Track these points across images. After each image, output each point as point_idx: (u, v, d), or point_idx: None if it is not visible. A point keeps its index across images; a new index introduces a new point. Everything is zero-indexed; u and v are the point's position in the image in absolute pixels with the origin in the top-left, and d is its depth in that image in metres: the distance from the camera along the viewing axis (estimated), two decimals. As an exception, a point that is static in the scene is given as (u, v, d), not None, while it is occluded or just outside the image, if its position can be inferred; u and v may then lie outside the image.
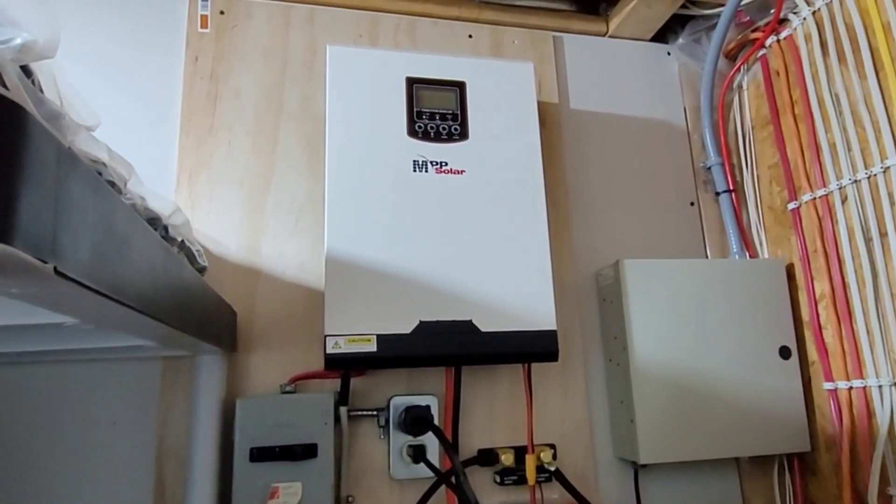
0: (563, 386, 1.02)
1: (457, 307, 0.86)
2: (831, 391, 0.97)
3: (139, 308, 0.42)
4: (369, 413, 0.91)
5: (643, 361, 0.97)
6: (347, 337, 0.81)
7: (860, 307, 0.93)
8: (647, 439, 0.94)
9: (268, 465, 0.82)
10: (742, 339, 1.00)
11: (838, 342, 0.97)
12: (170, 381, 0.90)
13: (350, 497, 0.89)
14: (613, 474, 1.01)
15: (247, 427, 0.83)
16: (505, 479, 0.93)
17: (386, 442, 0.91)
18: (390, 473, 0.90)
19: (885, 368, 0.89)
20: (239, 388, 0.90)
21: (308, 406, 0.85)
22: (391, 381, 0.94)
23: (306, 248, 0.98)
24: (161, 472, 0.87)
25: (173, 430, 0.88)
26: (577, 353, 1.04)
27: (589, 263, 1.10)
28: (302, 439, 0.83)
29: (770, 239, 1.12)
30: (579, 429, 1.00)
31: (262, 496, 0.81)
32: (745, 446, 0.98)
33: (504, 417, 0.98)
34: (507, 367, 0.99)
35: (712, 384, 0.98)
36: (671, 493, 1.01)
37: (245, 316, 0.93)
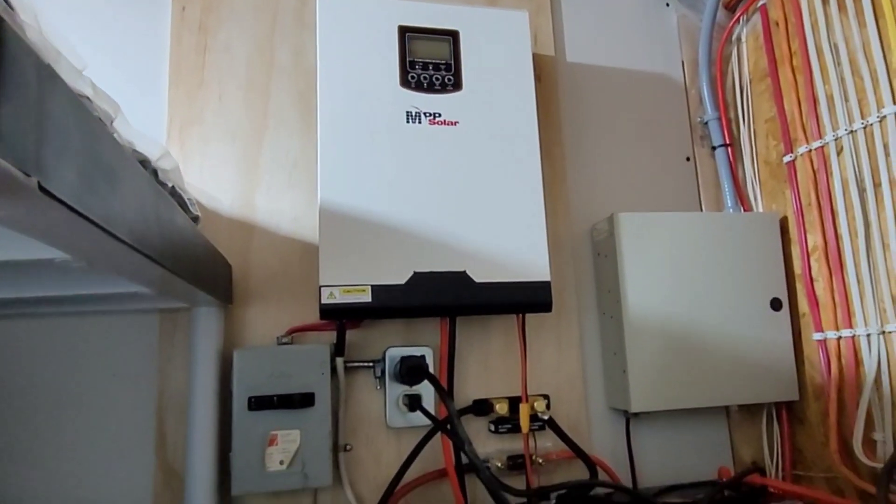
0: (558, 338, 1.03)
1: (451, 258, 0.86)
2: (820, 341, 0.98)
3: (130, 243, 0.42)
4: (365, 364, 0.93)
5: (636, 314, 0.98)
6: (342, 287, 0.82)
7: (851, 258, 0.94)
8: (638, 388, 0.96)
9: (266, 414, 0.83)
10: (734, 292, 1.01)
11: (829, 294, 0.98)
12: (168, 335, 0.91)
13: (348, 445, 0.91)
14: (606, 423, 1.03)
15: (245, 377, 0.84)
16: (499, 428, 0.95)
17: (382, 392, 0.93)
18: (387, 422, 0.92)
19: (873, 317, 0.90)
20: (236, 340, 0.91)
21: (305, 357, 0.86)
22: (387, 333, 0.95)
23: (301, 202, 0.98)
24: (161, 422, 0.89)
25: (173, 382, 0.90)
26: (572, 306, 1.05)
27: (584, 219, 1.10)
28: (299, 389, 0.84)
29: (765, 193, 1.12)
30: (573, 380, 1.02)
31: (261, 444, 0.83)
32: (735, 395, 0.99)
33: (499, 369, 0.99)
34: (502, 318, 1.00)
35: (704, 335, 0.99)
36: (662, 442, 1.04)
37: (240, 270, 0.93)
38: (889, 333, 0.88)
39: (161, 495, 0.87)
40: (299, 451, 0.83)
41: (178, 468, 0.87)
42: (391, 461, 0.91)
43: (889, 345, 0.88)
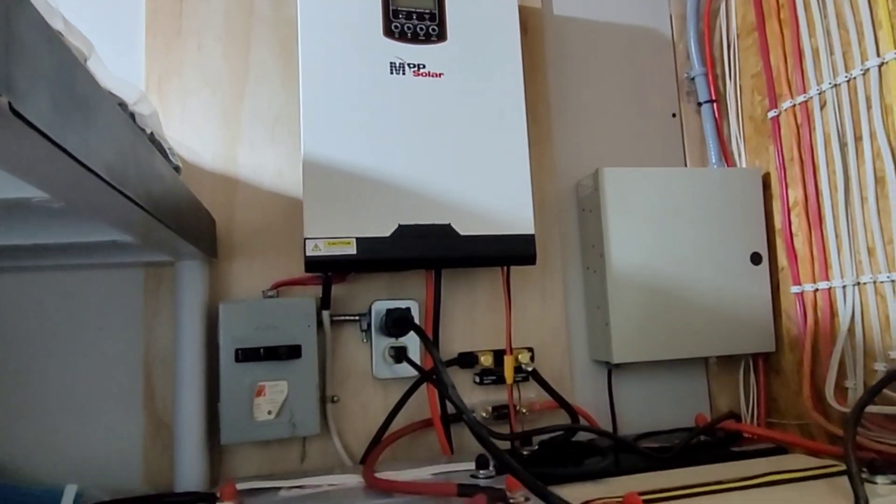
0: (542, 293, 1.04)
1: (435, 211, 0.86)
2: (798, 294, 1.01)
3: (108, 180, 0.42)
4: (351, 318, 0.94)
5: (619, 268, 0.99)
6: (327, 240, 0.82)
7: (831, 212, 0.95)
8: (620, 340, 0.98)
9: (253, 366, 0.84)
10: (716, 246, 1.03)
11: (807, 248, 0.99)
12: (153, 289, 0.91)
13: (335, 397, 0.92)
14: (588, 375, 1.05)
15: (231, 329, 0.84)
16: (484, 379, 0.97)
17: (368, 345, 0.94)
18: (373, 374, 0.94)
19: (849, 269, 0.92)
20: (221, 295, 0.91)
21: (290, 309, 0.86)
22: (372, 288, 0.96)
23: (284, 157, 0.97)
24: (149, 375, 0.89)
25: (159, 336, 0.90)
26: (556, 261, 1.06)
27: (569, 175, 1.10)
28: (286, 341, 0.85)
29: (749, 149, 1.13)
30: (556, 333, 1.04)
31: (249, 395, 0.84)
32: (714, 347, 1.02)
33: (484, 322, 1.01)
34: (487, 273, 1.01)
35: (685, 289, 1.01)
36: (642, 392, 1.07)
37: (224, 224, 0.93)
38: (864, 284, 0.90)
39: (150, 446, 0.88)
40: (287, 402, 0.85)
41: (166, 420, 0.88)
42: (378, 412, 0.93)
43: (863, 296, 0.90)
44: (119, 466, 0.86)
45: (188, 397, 0.84)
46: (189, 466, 0.83)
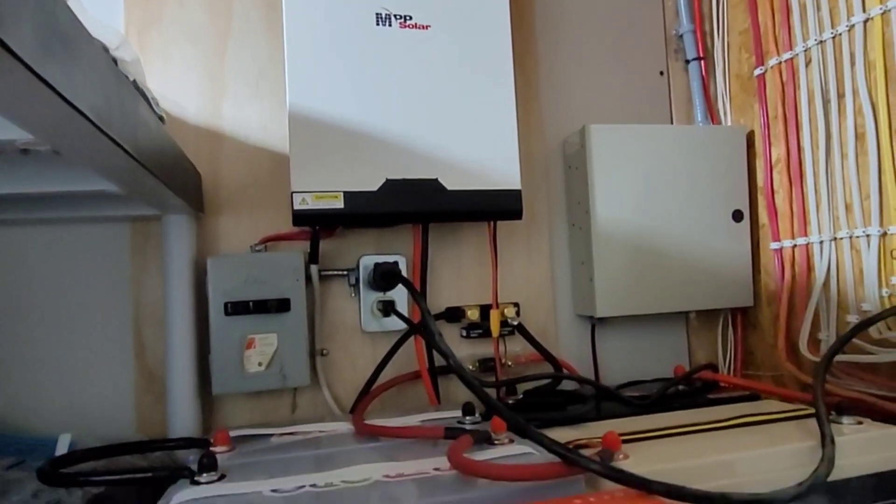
0: (528, 249, 1.06)
1: (423, 166, 0.86)
2: (776, 250, 1.03)
3: (94, 121, 0.41)
4: (340, 273, 0.94)
5: (604, 225, 1.01)
6: (314, 193, 0.82)
7: (811, 169, 0.97)
8: (603, 295, 1.00)
9: (243, 319, 0.85)
10: (699, 203, 1.05)
11: (788, 205, 1.01)
12: (139, 245, 0.91)
13: (324, 350, 0.94)
14: (572, 329, 1.08)
15: (219, 283, 0.85)
16: (471, 333, 1.00)
17: (356, 299, 0.95)
18: (361, 328, 0.95)
19: (827, 225, 0.94)
20: (209, 250, 0.92)
21: (279, 263, 0.87)
22: (360, 243, 0.97)
23: (269, 111, 0.96)
24: (139, 331, 0.90)
25: (148, 292, 0.90)
26: (543, 218, 1.07)
27: (556, 133, 1.10)
28: (274, 295, 0.86)
29: (734, 107, 1.13)
30: (542, 289, 1.06)
31: (239, 347, 0.85)
32: (694, 302, 1.05)
33: (470, 278, 1.02)
34: (474, 229, 1.02)
35: (668, 245, 1.03)
36: (624, 346, 1.10)
37: (210, 179, 0.92)
38: (840, 240, 0.92)
39: (143, 399, 0.89)
40: (277, 354, 0.86)
41: (158, 372, 0.89)
42: (366, 364, 0.95)
43: (839, 250, 0.93)
44: (112, 417, 0.88)
45: (179, 350, 0.85)
46: (182, 417, 0.84)
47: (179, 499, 0.52)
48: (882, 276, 0.86)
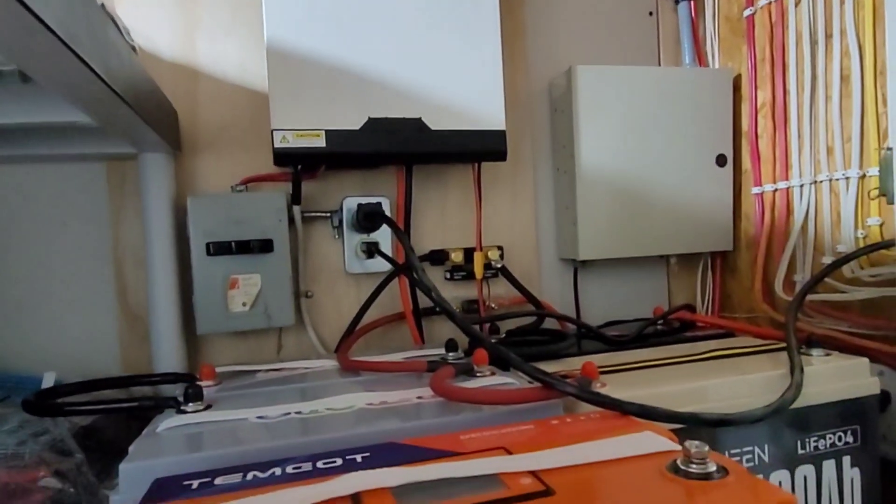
0: (513, 193, 1.06)
1: (406, 105, 0.85)
2: (758, 195, 1.04)
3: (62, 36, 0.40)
4: (323, 214, 0.94)
5: (588, 169, 1.00)
6: (296, 132, 0.80)
7: (796, 112, 0.97)
8: (587, 238, 1.01)
9: (225, 259, 0.85)
10: (683, 147, 1.05)
11: (771, 149, 1.02)
12: (117, 184, 0.89)
13: (309, 292, 0.94)
14: (555, 273, 1.09)
15: (200, 223, 0.84)
16: (454, 275, 1.00)
17: (340, 241, 0.95)
18: (346, 269, 0.95)
19: (808, 169, 0.95)
20: (189, 191, 0.90)
21: (261, 203, 0.86)
22: (343, 185, 0.96)
23: (247, 47, 0.93)
24: (121, 271, 0.90)
25: (127, 232, 0.89)
26: (527, 162, 1.07)
27: (542, 76, 1.08)
28: (257, 235, 0.85)
29: (722, 50, 1.12)
30: (526, 232, 1.06)
31: (222, 287, 0.85)
32: (675, 245, 1.06)
33: (455, 221, 1.02)
34: (458, 171, 1.01)
35: (651, 189, 1.03)
36: (606, 289, 1.12)
37: (187, 118, 0.90)
38: (820, 183, 0.93)
39: (127, 339, 0.89)
40: (261, 294, 0.86)
41: (141, 313, 0.89)
42: (351, 306, 0.96)
43: (818, 194, 0.94)
44: (97, 358, 0.88)
45: (161, 290, 0.85)
46: (167, 357, 0.85)
47: (166, 425, 0.53)
48: (858, 218, 0.87)
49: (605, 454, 0.39)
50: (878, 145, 0.83)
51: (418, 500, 0.34)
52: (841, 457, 0.64)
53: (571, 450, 0.40)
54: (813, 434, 0.63)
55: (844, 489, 0.64)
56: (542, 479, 0.36)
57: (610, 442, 0.42)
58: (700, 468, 0.35)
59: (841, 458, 0.64)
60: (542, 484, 0.35)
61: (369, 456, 0.42)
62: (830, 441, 0.63)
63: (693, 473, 0.35)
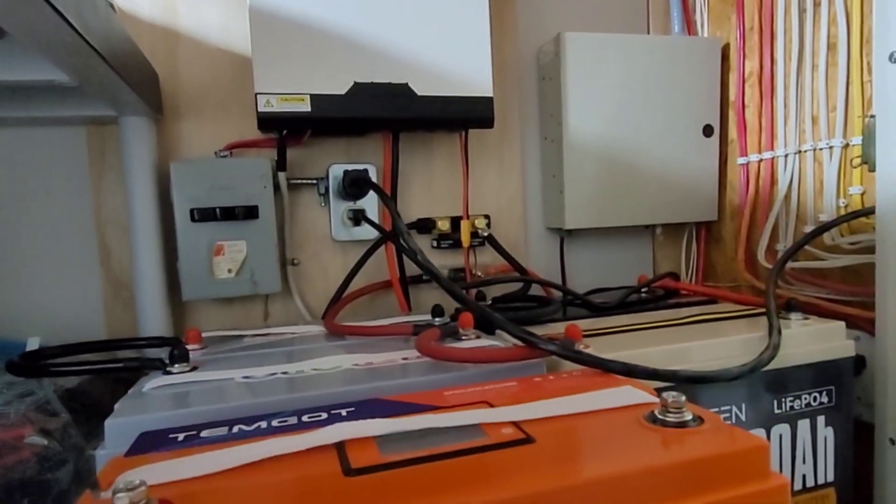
0: (500, 162, 1.05)
1: (392, 69, 0.84)
2: (743, 165, 1.05)
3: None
4: (309, 181, 0.93)
5: (576, 137, 1.00)
6: (280, 95, 0.79)
7: (783, 82, 0.97)
8: (573, 207, 1.01)
9: (210, 226, 0.84)
10: (671, 117, 1.05)
11: (757, 119, 1.02)
12: (97, 149, 0.87)
13: (295, 260, 0.94)
14: (542, 242, 1.10)
15: (184, 189, 0.83)
16: (441, 244, 1.00)
17: (327, 209, 0.95)
18: (332, 237, 0.95)
19: (793, 139, 0.96)
20: (171, 156, 0.89)
21: (245, 169, 0.85)
22: (329, 152, 0.95)
23: (229, 8, 0.90)
24: (104, 238, 0.89)
25: (110, 198, 0.88)
26: (515, 131, 1.06)
27: (531, 43, 1.07)
28: (241, 202, 0.85)
29: (711, 18, 1.11)
30: (513, 201, 1.06)
31: (207, 253, 0.84)
32: (661, 215, 1.07)
33: (442, 189, 1.02)
34: (445, 139, 1.00)
35: (638, 158, 1.03)
36: (591, 258, 1.12)
37: (168, 81, 0.88)
38: (804, 152, 0.94)
39: (111, 305, 0.89)
40: (247, 261, 0.86)
41: (125, 280, 0.88)
42: (338, 273, 0.96)
43: (802, 163, 0.95)
44: (81, 324, 0.88)
45: (145, 256, 0.84)
46: (152, 323, 0.85)
47: (152, 385, 0.53)
48: (841, 187, 0.88)
49: (585, 406, 0.40)
50: (862, 113, 0.84)
51: (401, 449, 0.35)
52: (816, 416, 0.66)
53: (553, 403, 0.41)
54: (789, 394, 0.64)
55: (818, 447, 0.66)
56: (524, 428, 0.37)
57: (591, 395, 0.42)
58: (677, 417, 0.36)
59: (815, 417, 0.66)
60: (523, 433, 0.36)
61: (354, 411, 0.43)
62: (806, 401, 0.65)
63: (670, 422, 0.36)
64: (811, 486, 0.66)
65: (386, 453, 0.34)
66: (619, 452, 0.33)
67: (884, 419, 0.72)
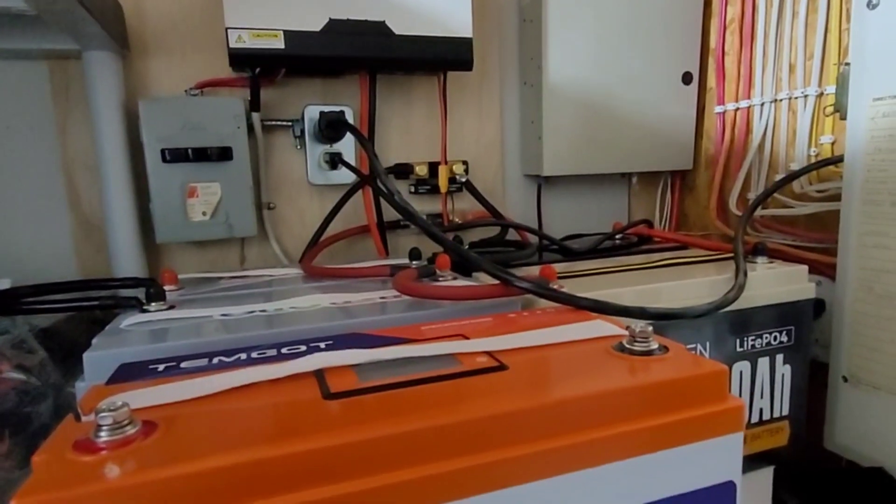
0: (479, 107, 1.04)
1: (369, 6, 0.81)
2: (720, 114, 1.05)
3: None
4: (284, 123, 0.91)
5: (556, 82, 0.99)
6: (252, 31, 0.77)
7: (763, 29, 0.96)
8: (551, 154, 1.01)
9: (182, 167, 0.82)
10: (650, 64, 1.04)
11: (736, 67, 1.02)
12: (61, 85, 0.84)
13: (271, 204, 0.93)
14: (519, 189, 1.10)
15: (154, 128, 0.80)
16: (419, 189, 1.00)
17: (303, 151, 0.93)
18: (308, 180, 0.94)
19: (770, 87, 0.96)
20: (140, 95, 0.86)
21: (217, 109, 0.83)
22: (304, 93, 0.92)
23: (197, -63, 0.86)
24: (72, 179, 0.86)
25: (76, 138, 0.85)
26: (494, 75, 1.05)
27: (512, -17, 1.05)
28: (214, 142, 0.83)
29: (695, -38, 1.09)
30: (491, 148, 1.06)
31: (180, 195, 0.83)
32: (637, 164, 1.08)
33: (420, 134, 1.01)
34: (424, 82, 0.98)
35: (616, 105, 1.03)
36: (568, 205, 1.14)
37: (135, 15, 0.84)
38: (780, 101, 0.95)
39: (83, 250, 0.87)
40: (221, 203, 0.85)
41: (96, 222, 0.87)
42: (314, 218, 0.95)
43: (777, 112, 0.96)
44: (53, 269, 0.86)
45: (116, 198, 0.82)
46: (126, 266, 0.84)
47: (129, 322, 0.53)
48: (813, 136, 0.90)
49: (557, 338, 0.41)
50: (838, 61, 0.84)
51: (378, 375, 0.36)
52: (775, 355, 0.69)
53: (526, 335, 0.42)
54: (751, 334, 0.67)
55: (776, 384, 0.70)
56: (497, 357, 0.38)
57: (563, 328, 0.44)
58: (643, 346, 0.38)
59: (775, 355, 0.69)
60: (497, 361, 0.37)
61: (333, 344, 0.44)
62: (766, 340, 0.68)
63: (637, 350, 0.37)
64: (767, 419, 0.70)
65: (364, 380, 0.35)
66: (588, 377, 0.34)
67: (838, 358, 0.76)
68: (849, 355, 0.74)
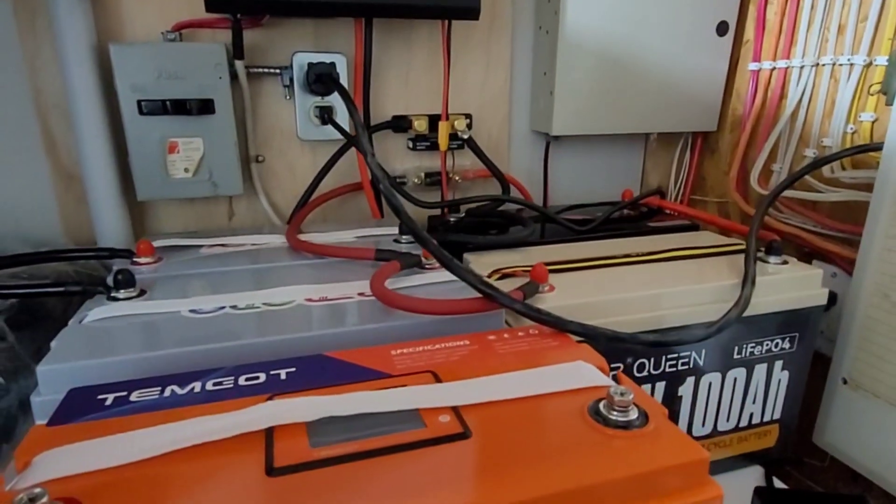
0: (486, 55, 0.95)
1: (364, -57, 0.71)
2: (754, 72, 0.95)
3: None
4: (271, 70, 0.84)
5: (573, 28, 0.89)
6: (230, -29, 0.68)
7: (815, -22, 0.85)
8: (562, 111, 0.93)
9: (161, 120, 0.76)
10: (682, 10, 0.93)
11: (779, 20, 0.91)
12: (27, 22, 0.76)
13: (259, 156, 0.88)
14: (526, 146, 1.03)
15: (128, 76, 0.74)
16: (417, 145, 0.94)
17: (292, 102, 0.86)
18: (298, 134, 0.88)
19: (813, 49, 0.86)
20: (113, 37, 0.78)
21: (196, 56, 0.76)
22: (293, 36, 0.84)
23: None
24: (46, 124, 0.81)
25: (47, 80, 0.79)
26: (506, 19, 0.94)
27: None
28: (195, 94, 0.76)
29: None
30: (498, 100, 0.98)
31: (160, 151, 0.78)
32: (657, 123, 0.99)
33: (420, 85, 0.93)
34: (426, 27, 0.89)
35: (640, 58, 0.94)
36: (577, 166, 1.07)
37: (102, -59, 0.75)
38: (822, 66, 0.85)
39: (65, 200, 0.84)
40: (204, 160, 0.80)
41: (75, 172, 0.82)
42: (306, 173, 0.90)
43: (818, 78, 0.86)
44: (36, 220, 0.83)
45: (92, 149, 0.78)
46: (108, 221, 0.80)
47: (92, 317, 0.51)
48: (853, 111, 0.81)
49: (531, 388, 0.38)
50: (894, 35, 0.74)
51: (331, 439, 0.33)
52: (774, 361, 0.66)
53: (497, 381, 0.39)
54: (752, 341, 0.64)
55: (770, 389, 0.67)
56: (462, 416, 0.36)
57: (540, 371, 0.41)
58: (622, 417, 0.35)
59: (774, 362, 0.66)
60: (461, 424, 0.35)
61: (294, 371, 0.41)
62: (767, 347, 0.65)
63: (613, 422, 0.34)
64: (756, 423, 0.68)
65: (315, 445, 0.33)
66: (556, 459, 0.32)
67: (841, 359, 0.73)
68: (852, 359, 0.71)
